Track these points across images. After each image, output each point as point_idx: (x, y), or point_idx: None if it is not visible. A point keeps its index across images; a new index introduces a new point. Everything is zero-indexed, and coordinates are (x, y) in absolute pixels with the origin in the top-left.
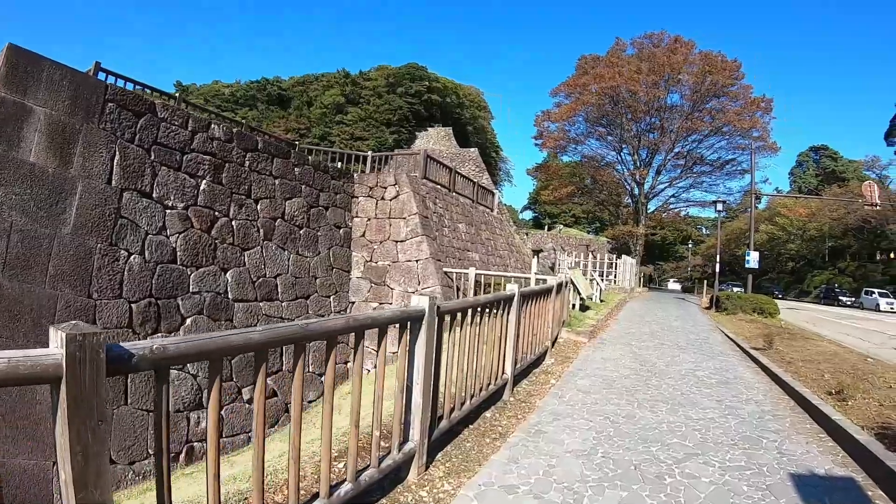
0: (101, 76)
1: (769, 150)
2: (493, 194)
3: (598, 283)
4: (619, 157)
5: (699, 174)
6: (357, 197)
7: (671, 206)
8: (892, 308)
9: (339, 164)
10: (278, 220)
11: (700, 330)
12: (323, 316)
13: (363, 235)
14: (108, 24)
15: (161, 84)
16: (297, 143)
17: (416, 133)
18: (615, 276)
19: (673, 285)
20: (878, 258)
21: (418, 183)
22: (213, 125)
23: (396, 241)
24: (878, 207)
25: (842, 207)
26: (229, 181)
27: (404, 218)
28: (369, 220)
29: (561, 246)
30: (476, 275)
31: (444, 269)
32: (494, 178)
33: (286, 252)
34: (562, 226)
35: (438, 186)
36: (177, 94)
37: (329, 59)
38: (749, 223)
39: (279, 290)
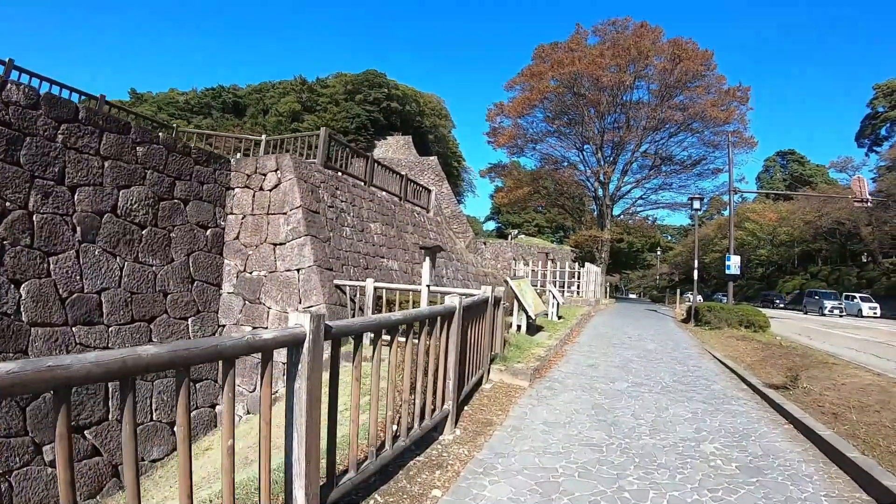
0: None
1: (746, 146)
2: (430, 192)
3: (554, 297)
4: (582, 157)
5: (668, 174)
6: (233, 188)
7: (638, 210)
8: (875, 313)
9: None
10: (107, 215)
11: (685, 355)
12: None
13: (237, 238)
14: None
15: (116, 91)
16: (175, 125)
17: (375, 142)
18: (578, 287)
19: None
20: (849, 262)
21: (310, 169)
22: (9, 84)
23: (274, 245)
24: (868, 204)
25: (814, 211)
26: (30, 161)
27: (285, 213)
28: (244, 217)
29: (522, 255)
30: (376, 288)
31: (336, 282)
32: (456, 189)
33: (117, 258)
34: (523, 235)
35: (347, 177)
36: None
37: (288, 66)
38: (727, 226)
39: (104, 311)
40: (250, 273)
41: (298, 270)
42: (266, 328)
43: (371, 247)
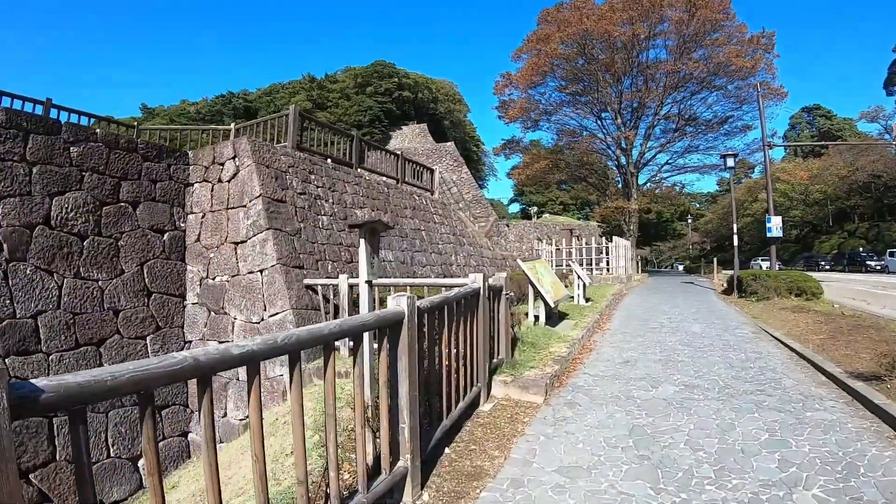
0: None
1: (776, 97)
2: (432, 171)
3: (580, 278)
4: (601, 124)
5: (694, 135)
6: (192, 184)
7: (665, 176)
8: None
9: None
10: (38, 227)
11: (738, 337)
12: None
13: (198, 240)
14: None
15: (127, 109)
16: (136, 124)
17: (391, 133)
18: (608, 264)
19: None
20: (887, 217)
21: (274, 153)
22: None
23: (235, 244)
24: None
25: (847, 166)
26: None
27: (244, 206)
28: (204, 215)
29: (547, 235)
30: (352, 286)
31: (307, 281)
32: (478, 173)
33: (54, 276)
34: (547, 214)
35: (327, 160)
36: None
37: (296, 66)
38: (758, 188)
39: (41, 337)
40: (213, 279)
41: (261, 272)
42: (230, 341)
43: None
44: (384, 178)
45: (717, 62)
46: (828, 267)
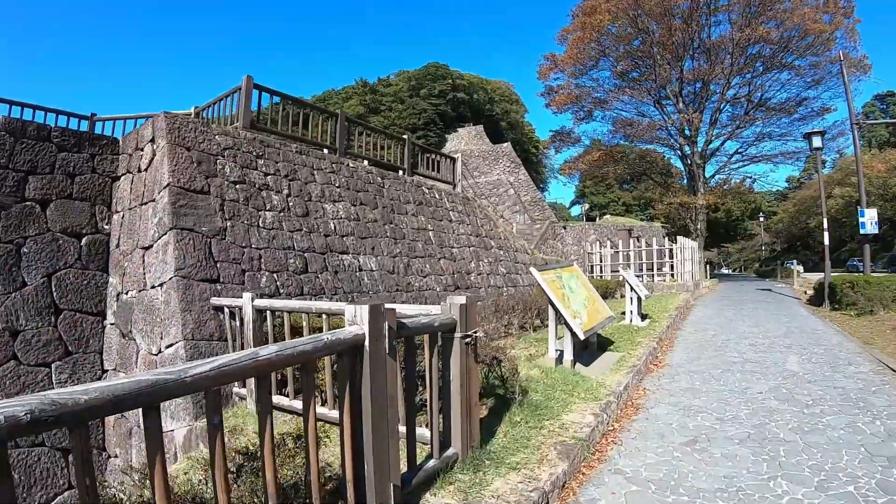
0: None
1: (858, 70)
2: (452, 161)
3: (633, 289)
4: (661, 110)
5: (765, 120)
6: (120, 177)
7: (734, 167)
8: None
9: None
10: None
11: (858, 382)
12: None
13: (118, 245)
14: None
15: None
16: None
17: (446, 135)
18: (672, 269)
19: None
20: None
21: (200, 132)
22: None
23: (144, 249)
24: None
25: None
26: None
27: (154, 200)
28: (124, 214)
29: (607, 237)
30: (258, 310)
31: (214, 301)
32: (539, 175)
33: None
34: (609, 216)
35: (289, 142)
36: None
37: (349, 71)
38: (834, 183)
39: None
40: (126, 294)
41: (161, 286)
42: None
43: (323, 238)
44: (377, 168)
45: (791, 24)
46: None
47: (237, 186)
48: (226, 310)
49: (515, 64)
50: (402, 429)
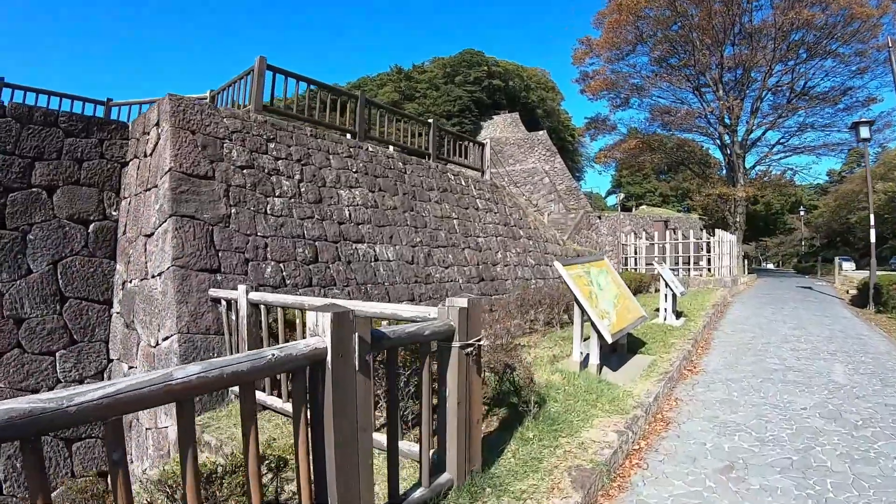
0: None
1: None
2: (481, 146)
3: (668, 286)
4: (700, 96)
5: (808, 109)
6: (128, 162)
7: (775, 158)
8: None
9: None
10: None
11: None
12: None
13: (125, 232)
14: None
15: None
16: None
17: (481, 123)
18: (709, 262)
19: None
20: None
21: (207, 115)
22: None
23: (146, 236)
24: None
25: None
26: None
27: (156, 186)
28: (130, 200)
29: (643, 228)
30: (252, 301)
31: (212, 293)
32: (574, 164)
33: None
34: (645, 206)
35: (312, 126)
36: None
37: (384, 57)
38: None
39: None
40: (130, 282)
41: (160, 275)
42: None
43: (337, 226)
44: (398, 152)
45: (835, 10)
46: None
47: (244, 171)
48: (223, 302)
49: (552, 52)
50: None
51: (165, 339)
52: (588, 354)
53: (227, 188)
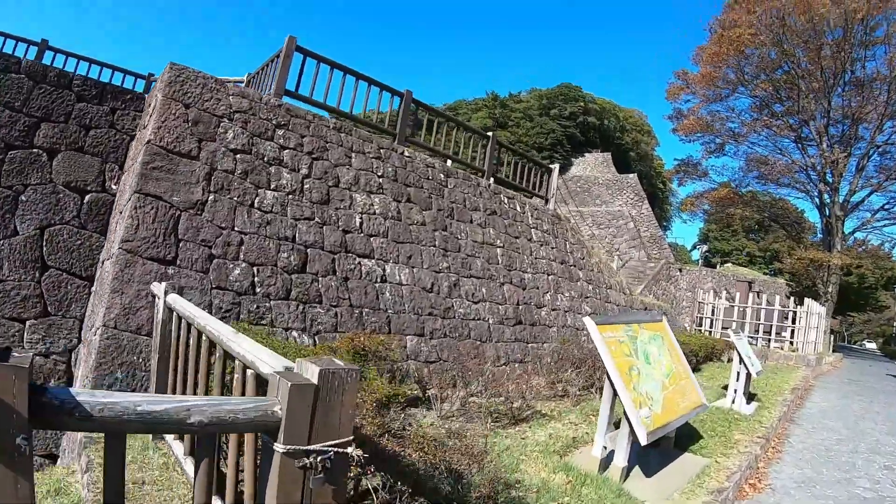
0: None
1: None
2: (548, 171)
3: (743, 362)
4: (802, 150)
5: None
6: (136, 135)
7: (877, 225)
8: None
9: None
10: None
11: None
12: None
13: (118, 208)
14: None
15: None
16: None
17: (572, 159)
18: (793, 335)
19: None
20: None
21: (212, 91)
22: None
23: (119, 213)
24: None
25: None
26: None
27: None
28: (127, 173)
29: (724, 286)
30: (169, 305)
31: (153, 288)
32: (663, 213)
33: None
34: (731, 264)
35: (340, 118)
36: None
37: (481, 84)
38: None
39: None
40: (103, 262)
41: (110, 259)
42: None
43: (340, 233)
44: (442, 163)
45: None
46: None
47: (237, 156)
48: (158, 301)
49: (649, 95)
50: None
51: (96, 331)
52: (613, 451)
53: (211, 171)
